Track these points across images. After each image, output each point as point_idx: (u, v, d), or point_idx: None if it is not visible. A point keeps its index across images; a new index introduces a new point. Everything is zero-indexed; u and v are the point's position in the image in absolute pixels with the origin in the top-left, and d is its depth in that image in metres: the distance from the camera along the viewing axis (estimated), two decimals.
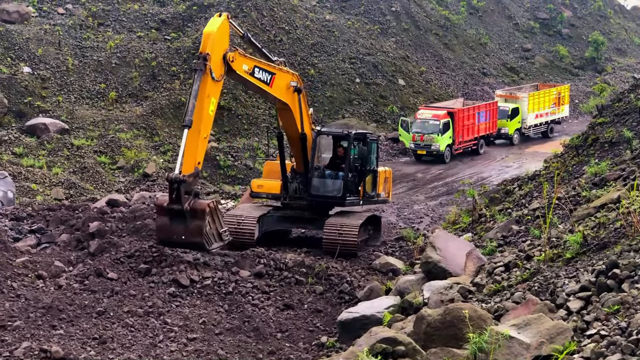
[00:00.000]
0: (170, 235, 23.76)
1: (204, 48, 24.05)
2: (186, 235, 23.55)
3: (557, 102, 63.30)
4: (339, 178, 29.14)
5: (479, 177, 48.45)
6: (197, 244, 23.83)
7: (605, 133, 27.32)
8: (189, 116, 23.40)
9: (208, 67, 23.74)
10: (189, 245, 24.11)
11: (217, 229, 24.27)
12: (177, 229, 23.58)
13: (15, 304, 20.32)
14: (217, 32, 24.36)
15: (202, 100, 23.78)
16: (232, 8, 64.73)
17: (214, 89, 24.44)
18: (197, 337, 19.27)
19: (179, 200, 23.26)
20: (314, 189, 29.04)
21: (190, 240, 23.68)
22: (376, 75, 65.36)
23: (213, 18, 25.15)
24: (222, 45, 24.62)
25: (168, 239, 23.93)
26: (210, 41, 24.09)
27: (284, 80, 27.35)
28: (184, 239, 23.64)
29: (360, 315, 18.69)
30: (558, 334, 11.68)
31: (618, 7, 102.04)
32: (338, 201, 29.39)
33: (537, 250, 17.49)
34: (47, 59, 55.95)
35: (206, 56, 23.76)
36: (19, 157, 44.25)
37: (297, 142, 28.65)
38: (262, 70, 26.35)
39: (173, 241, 23.94)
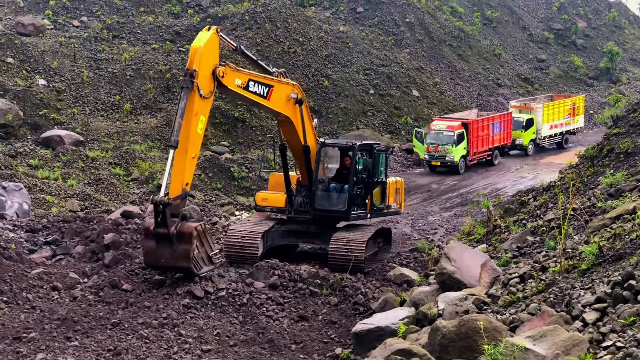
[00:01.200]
0: (157, 259, 22.92)
1: (191, 64, 23.07)
2: (173, 259, 22.69)
3: (571, 113, 63.15)
4: (344, 191, 28.40)
5: (493, 188, 48.34)
6: (184, 269, 23.06)
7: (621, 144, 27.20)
8: (175, 136, 22.62)
9: (195, 84, 22.84)
10: (176, 270, 23.36)
11: (206, 251, 23.50)
12: (164, 253, 22.71)
13: (31, 316, 20.38)
14: (205, 47, 23.34)
15: (190, 119, 22.94)
16: (246, 20, 64.96)
17: (203, 107, 23.50)
18: (211, 348, 19.26)
19: (165, 223, 22.45)
20: (318, 202, 28.30)
21: (178, 265, 22.94)
22: (390, 86, 65.36)
23: (201, 32, 24.15)
24: (211, 60, 23.63)
25: (155, 263, 23.14)
26: (197, 57, 23.12)
27: (283, 92, 26.25)
28: (171, 263, 22.86)
29: (375, 327, 18.63)
30: (574, 346, 11.62)
31: (633, 17, 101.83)
32: (342, 215, 28.54)
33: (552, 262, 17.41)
34: (62, 71, 56.22)
35: (193, 73, 22.82)
36: (34, 169, 44.41)
37: (300, 155, 27.85)
38: (258, 83, 25.29)
39: (160, 265, 23.18)
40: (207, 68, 23.38)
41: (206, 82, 23.33)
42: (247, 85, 24.90)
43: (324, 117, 59.02)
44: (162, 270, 23.55)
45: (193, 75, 22.81)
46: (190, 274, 23.10)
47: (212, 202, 42.75)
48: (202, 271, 23.35)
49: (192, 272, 22.99)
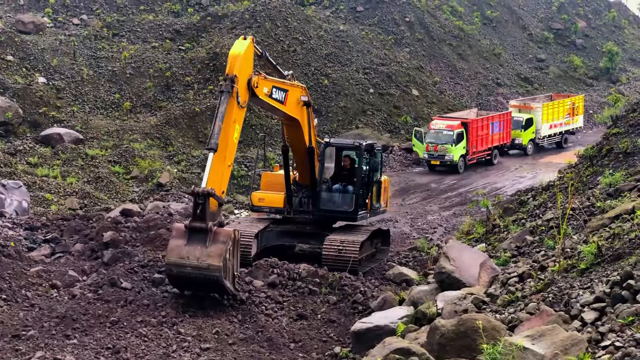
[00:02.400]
0: (182, 256, 21.10)
1: (231, 70, 22.54)
2: (202, 257, 20.85)
3: (571, 113, 63.18)
4: (348, 191, 28.35)
5: (492, 187, 48.36)
6: (213, 270, 20.87)
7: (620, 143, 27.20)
8: (215, 139, 21.58)
9: (235, 89, 22.32)
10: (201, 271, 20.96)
11: (233, 265, 21.72)
12: (193, 251, 21.04)
13: (29, 314, 20.37)
14: (244, 55, 23.01)
15: (228, 125, 22.17)
16: (246, 18, 64.96)
17: (239, 115, 22.99)
18: (210, 347, 19.26)
19: (204, 216, 21.16)
20: (324, 203, 28.20)
21: (207, 263, 20.86)
22: (390, 85, 65.37)
23: (238, 41, 23.76)
24: (248, 70, 23.28)
25: (180, 259, 21.10)
26: (237, 63, 22.65)
27: (295, 95, 26.11)
28: (200, 262, 20.87)
29: (374, 326, 18.62)
30: (572, 345, 11.63)
31: (632, 17, 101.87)
32: (350, 216, 28.42)
33: (551, 261, 17.41)
34: (62, 69, 56.23)
35: (234, 78, 22.30)
36: (34, 166, 44.43)
37: (304, 156, 27.69)
38: (278, 89, 25.07)
39: (185, 264, 21.04)
40: (244, 76, 22.99)
41: (243, 90, 22.88)
42: (271, 92, 24.66)
43: (323, 116, 59.03)
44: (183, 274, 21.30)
45: (234, 81, 22.34)
46: (217, 278, 20.97)
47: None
48: (226, 283, 21.23)
49: (219, 276, 20.89)
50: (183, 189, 43.65)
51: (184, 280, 21.47)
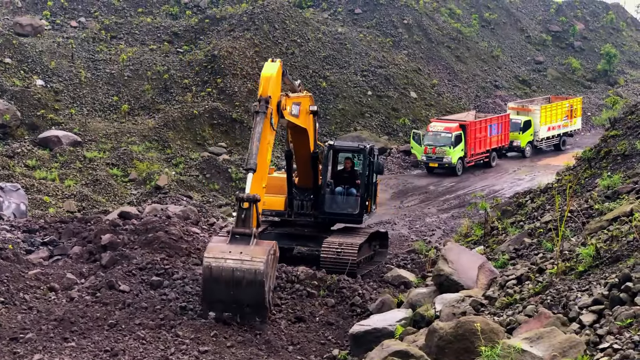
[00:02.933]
0: (224, 251, 20.63)
1: (265, 91, 22.53)
2: (245, 252, 20.44)
3: (569, 115, 63.23)
4: (352, 194, 28.40)
5: (491, 189, 48.38)
6: (256, 263, 20.33)
7: (618, 146, 27.22)
8: (254, 159, 21.49)
9: (270, 110, 22.37)
10: (244, 264, 20.38)
11: (271, 277, 21.20)
12: (236, 248, 20.57)
13: (27, 316, 20.35)
14: (276, 76, 23.22)
15: (264, 146, 22.13)
16: (244, 21, 64.97)
17: (272, 138, 22.96)
18: (208, 349, 19.23)
19: (248, 222, 20.86)
20: (328, 206, 28.24)
21: (251, 256, 20.41)
22: (388, 87, 65.40)
23: (267, 63, 23.97)
24: (278, 92, 23.40)
25: (221, 253, 20.61)
26: (270, 85, 22.77)
27: (305, 106, 26.31)
28: (242, 263, 20.32)
29: (372, 328, 18.61)
30: (571, 348, 11.63)
31: (631, 19, 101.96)
32: (356, 218, 28.47)
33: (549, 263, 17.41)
34: (60, 72, 56.22)
35: (268, 99, 22.38)
36: (32, 169, 44.41)
37: (307, 160, 27.80)
38: (295, 104, 25.22)
39: (226, 257, 20.49)
40: (275, 99, 22.98)
41: (274, 113, 22.87)
42: (291, 109, 24.69)
43: (321, 119, 58.98)
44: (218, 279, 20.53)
45: (268, 102, 22.38)
46: (258, 276, 20.32)
47: (210, 203, 42.78)
48: (266, 286, 20.52)
49: (262, 273, 20.30)
50: (181, 192, 43.63)
51: (222, 279, 20.53)
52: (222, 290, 20.61)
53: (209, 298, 20.92)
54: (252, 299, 20.62)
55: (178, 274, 23.59)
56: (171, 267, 23.94)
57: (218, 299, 20.77)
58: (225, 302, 20.70)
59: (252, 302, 20.66)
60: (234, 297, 20.60)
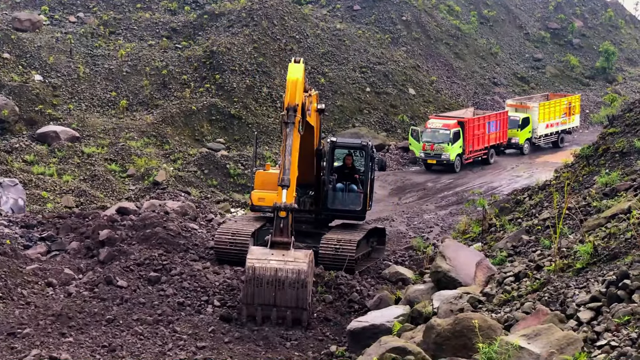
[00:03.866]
0: (266, 254, 20.92)
1: (293, 99, 22.43)
2: (288, 256, 20.73)
3: (567, 112, 63.22)
4: (354, 190, 28.38)
5: (489, 186, 48.39)
6: (299, 263, 20.66)
7: (616, 143, 27.24)
8: (287, 175, 21.70)
9: (298, 119, 22.32)
10: (287, 264, 20.65)
11: (310, 284, 21.38)
12: (278, 253, 20.86)
13: (25, 312, 20.36)
14: (302, 80, 22.95)
15: (295, 156, 22.22)
16: (243, 17, 64.92)
17: (298, 143, 22.91)
18: (206, 345, 19.26)
19: (287, 231, 21.07)
20: (330, 202, 28.20)
21: (295, 260, 20.70)
22: (387, 84, 65.38)
23: (292, 65, 23.53)
24: (302, 94, 23.19)
25: (263, 256, 20.85)
26: (298, 91, 22.56)
27: (313, 104, 26.15)
28: (285, 264, 20.55)
29: (370, 325, 18.64)
30: (568, 345, 11.65)
31: (629, 17, 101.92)
32: (359, 215, 28.49)
33: (547, 261, 17.44)
34: (59, 67, 56.17)
35: (296, 107, 22.24)
36: (30, 164, 44.37)
37: (311, 157, 27.68)
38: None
39: (269, 259, 20.74)
40: (301, 103, 22.86)
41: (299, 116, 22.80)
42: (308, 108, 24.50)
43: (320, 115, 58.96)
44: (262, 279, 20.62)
45: (296, 110, 22.27)
46: (301, 276, 20.58)
47: (208, 199, 42.75)
48: (308, 289, 20.77)
49: (305, 273, 20.58)
50: (179, 188, 43.61)
51: (265, 279, 20.59)
52: (265, 292, 20.54)
53: (250, 301, 20.72)
54: (295, 301, 20.62)
55: (176, 269, 23.60)
56: (169, 262, 23.95)
57: (260, 302, 20.65)
58: (267, 305, 20.63)
59: (295, 305, 20.63)
60: (276, 299, 20.59)
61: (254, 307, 20.70)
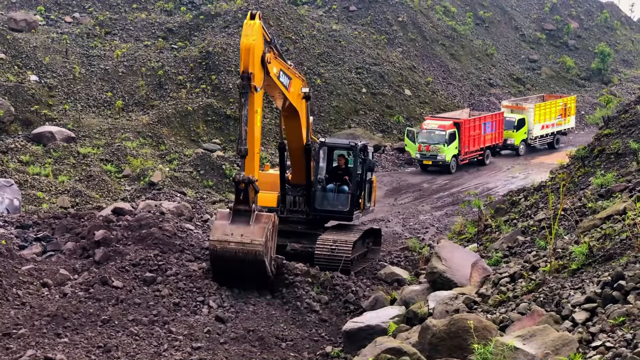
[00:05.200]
0: (227, 233, 22.33)
1: (247, 65, 22.29)
2: (246, 234, 22.14)
3: (563, 113, 63.30)
4: (343, 191, 28.31)
5: (484, 187, 48.42)
6: (255, 245, 22.10)
7: (612, 144, 27.28)
8: (244, 145, 22.20)
9: (253, 86, 22.25)
10: (245, 246, 22.19)
11: (272, 248, 22.93)
12: (237, 229, 22.24)
13: (20, 312, 20.33)
14: (257, 42, 22.70)
15: (252, 120, 22.44)
16: (239, 17, 64.88)
17: (259, 101, 23.06)
18: (201, 346, 19.24)
19: (247, 200, 22.33)
20: (319, 203, 28.18)
21: (250, 239, 22.15)
22: (382, 85, 65.41)
23: (246, 24, 22.99)
24: (260, 49, 22.90)
25: (224, 236, 22.34)
26: (251, 57, 22.33)
27: (297, 86, 26.16)
28: (243, 238, 22.10)
29: (365, 325, 18.65)
30: (563, 345, 11.65)
31: (625, 18, 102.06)
32: (346, 216, 28.38)
33: (542, 261, 17.45)
34: (54, 67, 56.11)
35: (250, 76, 22.20)
36: (25, 165, 44.32)
37: (300, 153, 27.68)
38: (285, 74, 24.96)
39: (229, 240, 22.27)
40: (259, 59, 22.75)
41: (258, 73, 22.72)
42: (279, 74, 24.54)
43: (316, 116, 59.01)
44: (223, 258, 22.48)
45: (250, 78, 22.25)
46: (258, 256, 22.12)
47: (204, 199, 42.73)
48: (266, 261, 22.39)
49: (261, 253, 22.10)
50: (175, 188, 43.60)
51: (226, 258, 22.49)
52: (227, 264, 22.64)
53: (216, 272, 23.05)
54: (254, 268, 22.52)
55: (171, 270, 23.56)
56: (165, 263, 23.91)
57: (225, 274, 22.94)
58: (232, 275, 22.90)
59: (254, 270, 22.60)
60: (238, 268, 22.61)
61: (221, 276, 23.08)
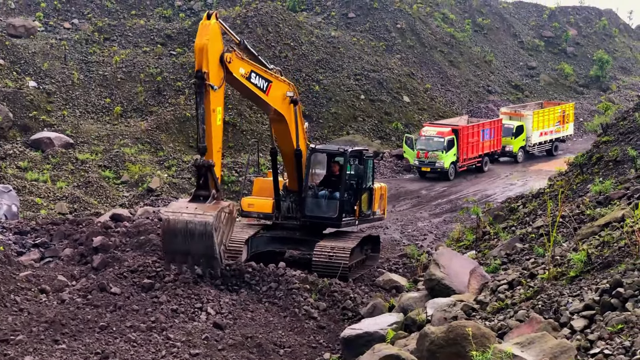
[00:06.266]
0: (181, 206, 22.99)
1: (200, 64, 22.73)
2: (199, 209, 22.50)
3: (561, 120, 63.34)
4: (334, 198, 28.13)
5: (483, 194, 48.41)
6: (206, 217, 22.34)
7: (610, 151, 27.28)
8: (202, 142, 22.94)
9: (207, 85, 22.65)
10: (196, 217, 22.47)
11: (225, 234, 23.14)
12: (192, 206, 22.74)
13: (18, 318, 20.29)
14: (210, 42, 22.99)
15: (209, 118, 22.90)
16: (238, 24, 64.96)
17: (217, 100, 23.27)
18: (199, 352, 19.21)
19: (207, 185, 22.88)
20: (308, 209, 28.05)
21: (202, 212, 22.45)
22: (381, 92, 65.43)
23: (201, 24, 23.52)
24: (217, 50, 23.22)
25: (177, 209, 22.89)
26: (204, 56, 22.70)
27: (280, 90, 26.17)
28: (194, 216, 22.35)
29: (364, 332, 18.60)
30: (562, 353, 11.63)
31: (623, 25, 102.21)
32: (334, 222, 28.26)
33: (541, 269, 17.42)
34: (53, 73, 56.13)
35: (203, 75, 22.55)
36: (24, 171, 44.31)
37: (291, 159, 27.58)
38: (259, 76, 25.11)
39: (181, 212, 22.62)
40: (215, 58, 23.07)
41: (216, 72, 22.99)
42: (249, 76, 24.73)
43: (314, 122, 59.06)
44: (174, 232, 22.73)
45: (204, 78, 22.60)
46: (208, 230, 22.32)
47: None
48: (215, 240, 22.45)
49: (211, 227, 22.29)
50: (173, 194, 43.59)
51: (178, 229, 22.60)
52: (178, 242, 22.61)
53: (167, 249, 22.99)
54: (204, 250, 22.44)
55: (169, 276, 23.54)
56: (163, 269, 23.88)
57: (175, 250, 22.81)
58: (182, 253, 22.72)
59: (204, 253, 22.51)
60: (188, 247, 22.53)
61: (172, 254, 22.96)
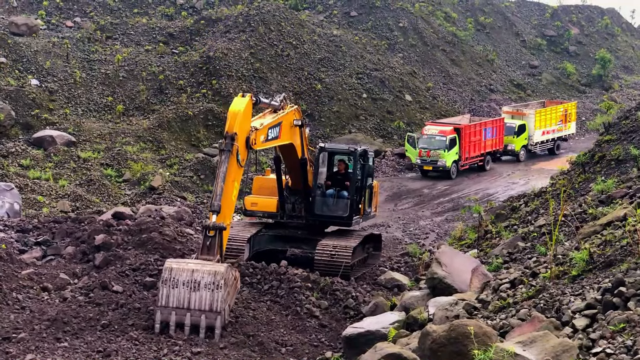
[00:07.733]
0: (186, 261, 21.15)
1: (231, 127, 22.33)
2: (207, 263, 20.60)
3: (563, 119, 63.27)
4: (343, 197, 28.21)
5: (485, 193, 48.38)
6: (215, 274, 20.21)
7: (612, 150, 27.28)
8: (217, 201, 21.48)
9: (235, 147, 22.12)
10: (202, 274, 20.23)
11: (229, 294, 20.85)
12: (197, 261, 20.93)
13: (20, 316, 20.31)
14: (244, 112, 22.71)
15: (228, 185, 21.98)
16: (240, 23, 64.97)
17: (239, 175, 22.76)
18: (201, 351, 19.22)
19: (212, 250, 21.04)
20: (318, 208, 28.11)
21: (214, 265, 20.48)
22: (383, 90, 65.42)
23: (237, 98, 23.47)
24: (246, 127, 22.93)
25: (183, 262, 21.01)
26: (237, 121, 22.40)
27: (288, 122, 25.82)
28: (203, 263, 20.59)
29: (365, 331, 18.61)
30: (563, 352, 11.64)
31: (625, 25, 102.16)
32: (345, 221, 28.26)
33: (543, 268, 17.43)
34: (55, 72, 56.14)
35: (233, 136, 22.12)
36: (26, 169, 44.31)
37: (296, 166, 27.63)
38: (273, 128, 24.67)
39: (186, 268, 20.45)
40: (243, 134, 22.66)
41: (242, 149, 22.59)
42: (267, 136, 24.28)
43: (316, 121, 59.06)
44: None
45: (234, 139, 22.14)
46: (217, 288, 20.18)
47: (204, 204, 42.70)
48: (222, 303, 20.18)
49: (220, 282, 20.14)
50: (175, 193, 43.60)
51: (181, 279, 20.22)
52: (180, 293, 20.19)
53: (164, 303, 20.22)
54: (208, 303, 20.12)
55: None
56: None
57: (174, 305, 20.20)
58: (181, 308, 20.17)
59: (208, 308, 20.11)
60: (190, 300, 20.18)
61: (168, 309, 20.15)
